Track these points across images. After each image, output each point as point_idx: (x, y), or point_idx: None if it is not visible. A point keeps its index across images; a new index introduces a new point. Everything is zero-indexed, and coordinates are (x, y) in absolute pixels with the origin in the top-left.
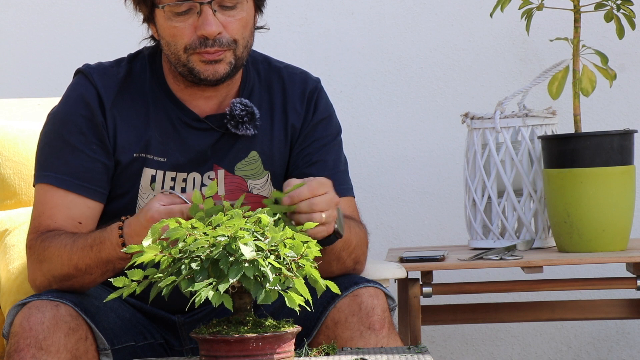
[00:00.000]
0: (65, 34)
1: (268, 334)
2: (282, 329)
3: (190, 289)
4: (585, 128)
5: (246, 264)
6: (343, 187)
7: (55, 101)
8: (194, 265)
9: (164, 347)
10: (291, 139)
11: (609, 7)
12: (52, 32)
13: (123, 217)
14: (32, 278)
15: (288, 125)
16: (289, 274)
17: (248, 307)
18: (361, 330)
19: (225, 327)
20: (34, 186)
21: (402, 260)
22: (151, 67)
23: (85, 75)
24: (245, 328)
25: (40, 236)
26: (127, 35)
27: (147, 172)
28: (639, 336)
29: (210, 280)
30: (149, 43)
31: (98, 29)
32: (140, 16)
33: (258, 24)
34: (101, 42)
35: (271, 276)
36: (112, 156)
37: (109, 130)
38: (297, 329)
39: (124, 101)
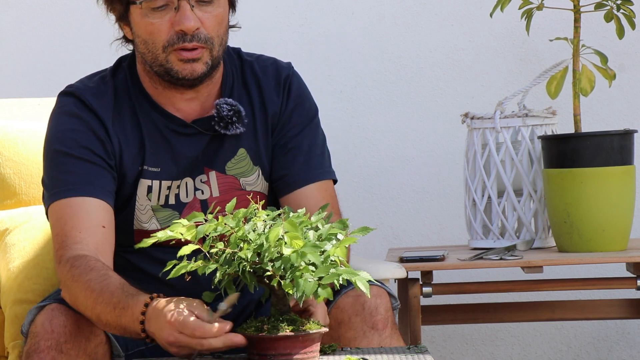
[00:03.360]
0: (65, 34)
1: (313, 331)
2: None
3: (302, 288)
4: (585, 128)
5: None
6: (318, 171)
7: (55, 101)
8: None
9: None
10: (272, 128)
11: (609, 7)
12: (52, 32)
13: (154, 295)
14: (70, 295)
15: (268, 117)
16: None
17: (287, 305)
18: (364, 330)
19: (273, 324)
20: (46, 211)
21: (402, 260)
22: (132, 78)
23: (77, 97)
24: (291, 327)
25: (70, 259)
26: None
27: (144, 183)
28: (639, 336)
29: (317, 275)
30: (120, 44)
31: (98, 29)
32: (112, 17)
33: (231, 23)
34: (101, 42)
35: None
36: (116, 171)
37: (114, 146)
38: (324, 329)
39: (121, 118)
